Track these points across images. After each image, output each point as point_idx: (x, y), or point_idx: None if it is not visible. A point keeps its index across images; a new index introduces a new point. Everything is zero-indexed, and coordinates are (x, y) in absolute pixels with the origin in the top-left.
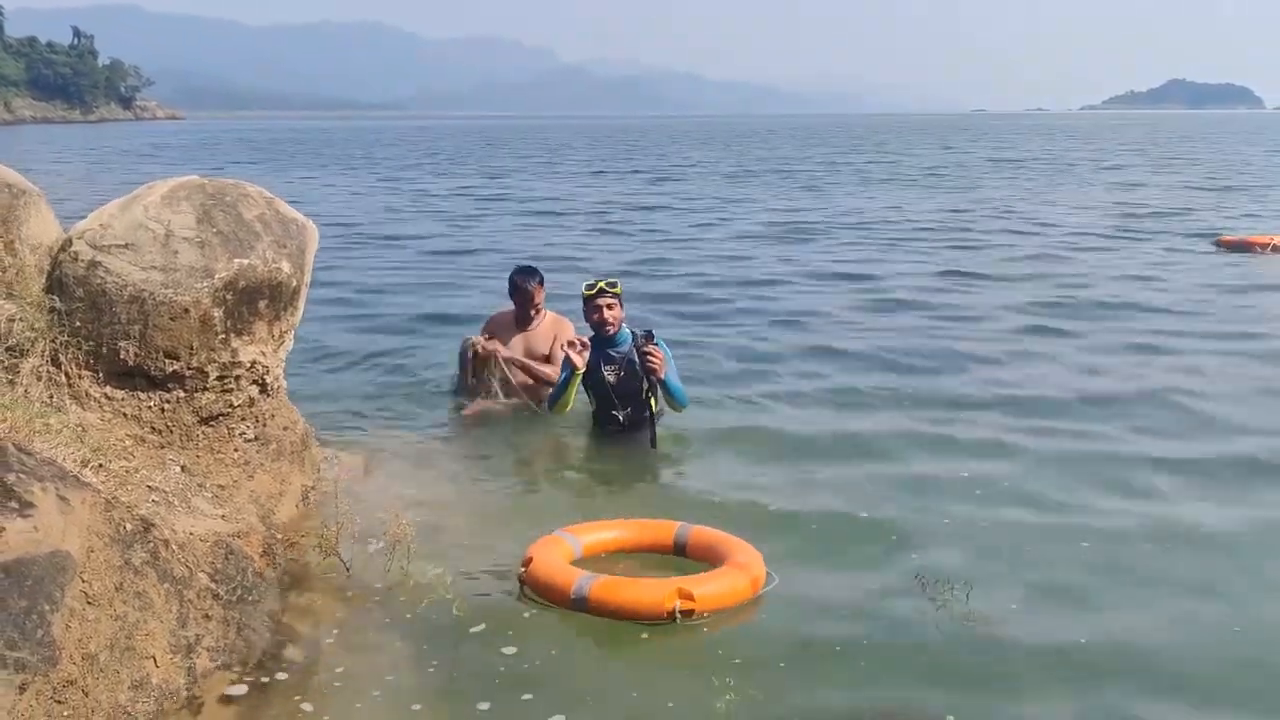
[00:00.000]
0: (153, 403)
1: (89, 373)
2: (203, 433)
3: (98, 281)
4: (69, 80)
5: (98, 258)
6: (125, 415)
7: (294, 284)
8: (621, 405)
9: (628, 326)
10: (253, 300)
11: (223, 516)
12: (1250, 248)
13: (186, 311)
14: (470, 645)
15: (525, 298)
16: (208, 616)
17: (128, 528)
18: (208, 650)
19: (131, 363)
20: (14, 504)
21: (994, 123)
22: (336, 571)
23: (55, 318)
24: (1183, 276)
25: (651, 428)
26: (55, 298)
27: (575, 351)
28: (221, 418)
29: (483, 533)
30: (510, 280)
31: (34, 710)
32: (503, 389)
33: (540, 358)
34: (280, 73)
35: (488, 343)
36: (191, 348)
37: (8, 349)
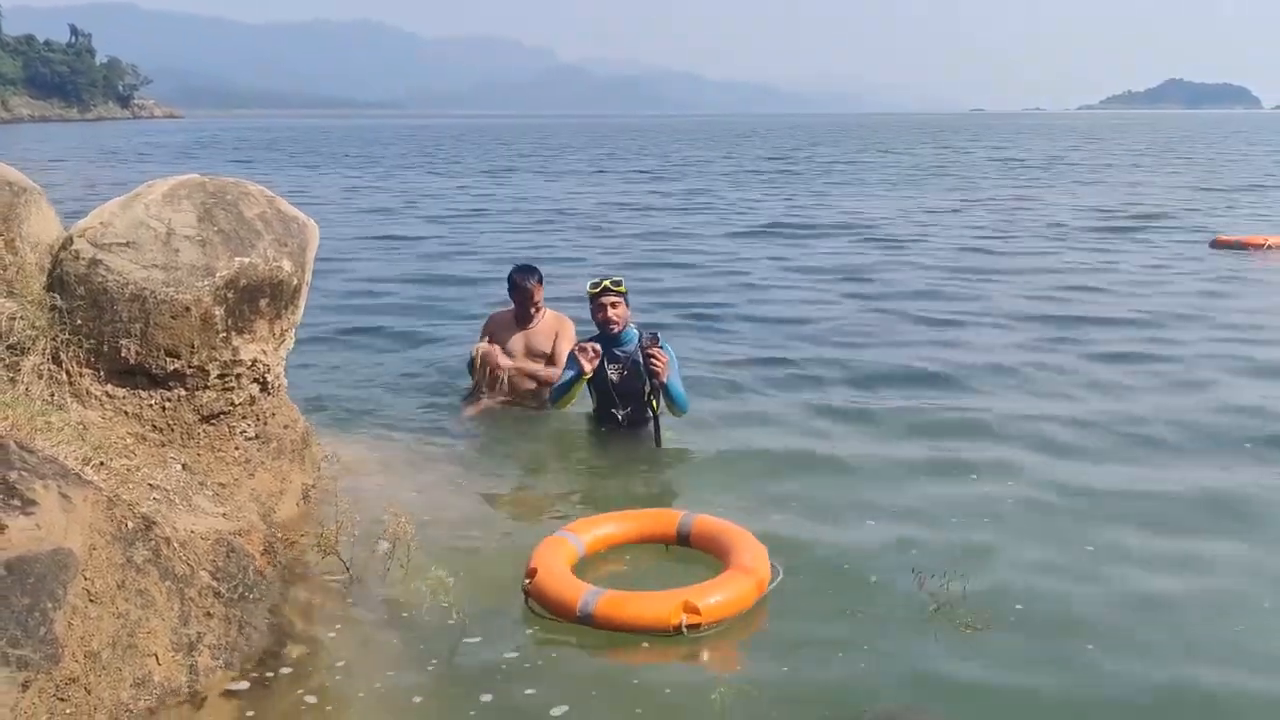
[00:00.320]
0: (154, 401)
1: (90, 371)
2: (204, 431)
3: (99, 280)
4: (66, 78)
5: (99, 256)
6: (126, 413)
7: (295, 282)
8: (622, 404)
9: (634, 326)
10: (254, 298)
11: (224, 515)
12: (1246, 248)
13: (187, 310)
14: (471, 642)
15: (525, 296)
16: (209, 614)
17: (129, 526)
18: (209, 648)
19: (133, 361)
20: (16, 502)
21: (992, 122)
22: (337, 569)
23: (56, 316)
24: (1178, 276)
25: (656, 427)
26: (56, 296)
27: (587, 358)
28: (222, 416)
29: (483, 531)
30: (509, 279)
31: (37, 707)
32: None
33: (541, 355)
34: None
35: (488, 351)
36: (192, 346)
37: (9, 347)
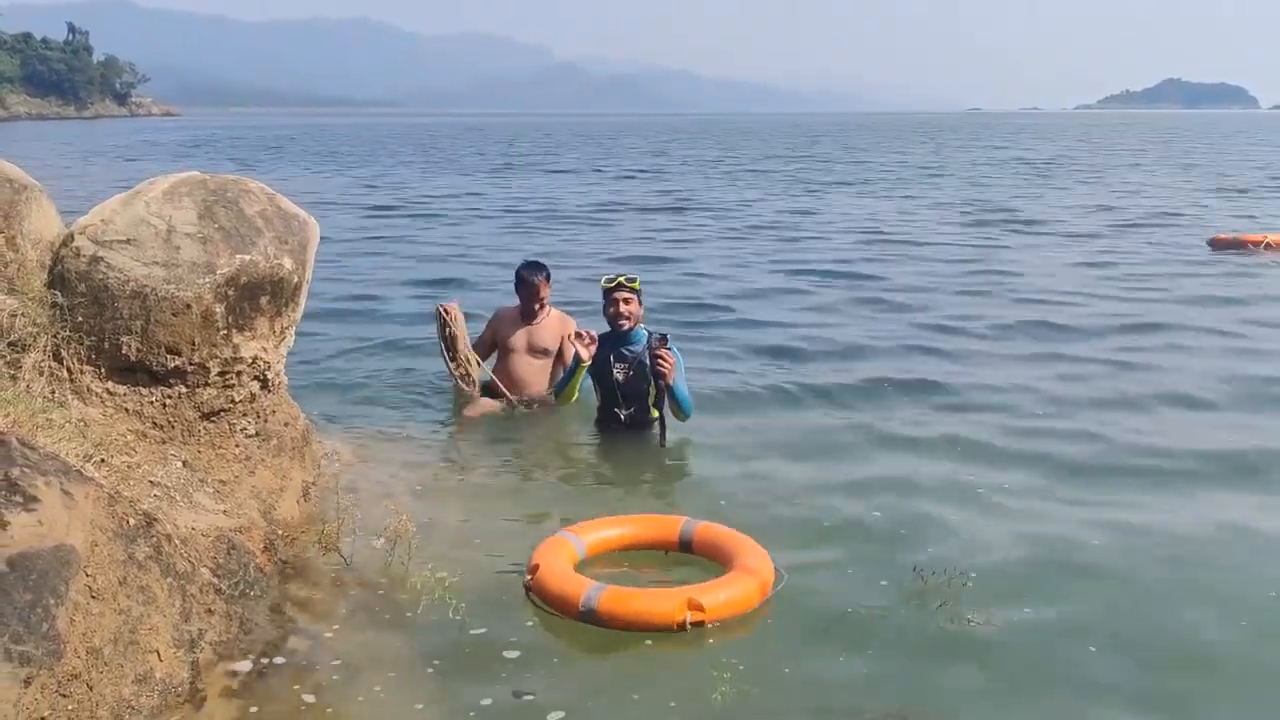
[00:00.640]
0: (154, 398)
1: (91, 368)
2: (204, 428)
3: (100, 277)
4: (64, 76)
5: (100, 253)
6: (127, 410)
7: (295, 280)
8: (625, 404)
9: (644, 327)
10: (254, 296)
11: (224, 512)
12: (1243, 246)
13: (188, 307)
14: (471, 642)
15: (531, 291)
16: (210, 611)
17: (131, 522)
18: (210, 644)
19: (133, 358)
20: (18, 498)
21: (990, 122)
22: (337, 567)
23: (57, 313)
24: (1174, 276)
25: (661, 427)
26: (57, 293)
27: (583, 345)
28: (223, 413)
29: (484, 529)
30: (517, 274)
31: (39, 703)
32: (467, 359)
33: (543, 351)
34: (275, 69)
35: (450, 307)
36: (193, 343)
37: (10, 344)
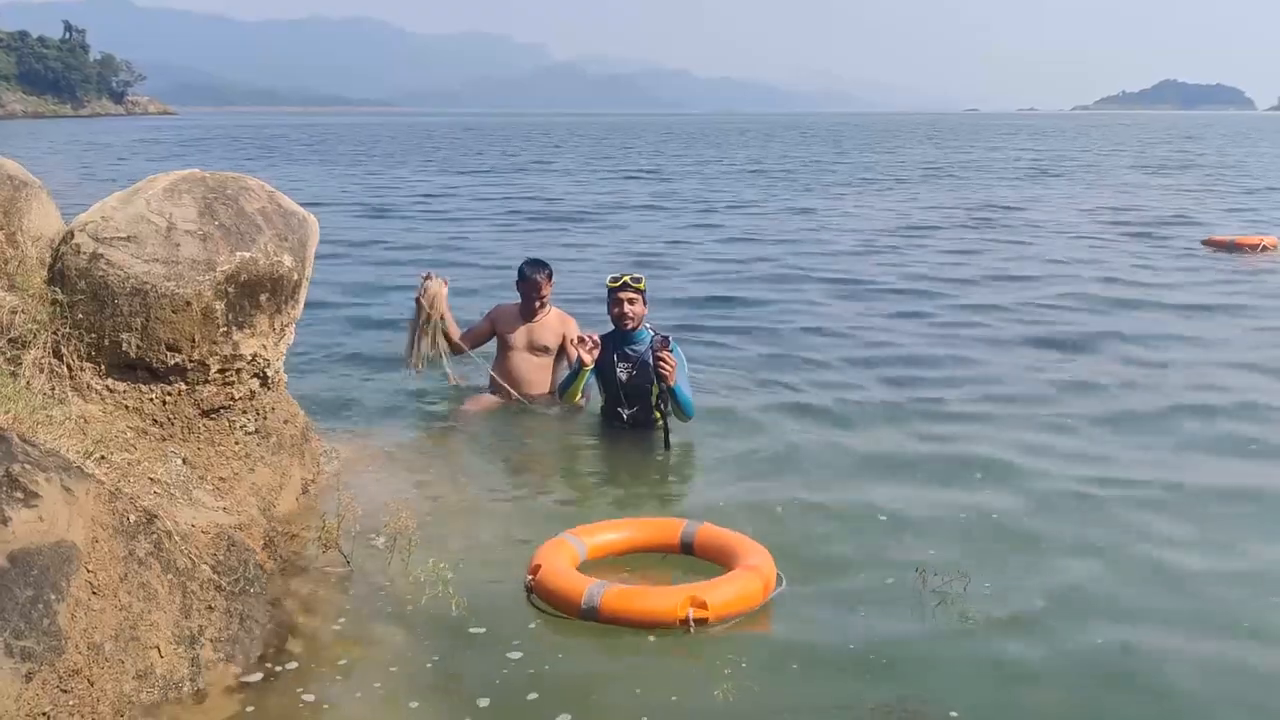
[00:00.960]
0: (154, 395)
1: (91, 365)
2: (204, 425)
3: (100, 274)
4: (60, 75)
5: (100, 250)
6: (127, 408)
7: (295, 277)
8: (628, 404)
9: (648, 327)
10: (254, 293)
11: (224, 509)
12: (1239, 248)
13: (188, 304)
14: (471, 641)
15: (532, 288)
16: (210, 608)
17: (131, 519)
18: (211, 641)
19: (133, 355)
20: (19, 494)
21: (988, 122)
22: (338, 564)
23: (57, 310)
24: (1170, 277)
25: (665, 429)
26: (57, 290)
27: (586, 350)
28: (222, 410)
29: (484, 528)
30: (519, 270)
31: (40, 699)
32: (436, 338)
33: (543, 349)
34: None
35: (433, 284)
36: (193, 340)
37: (10, 341)
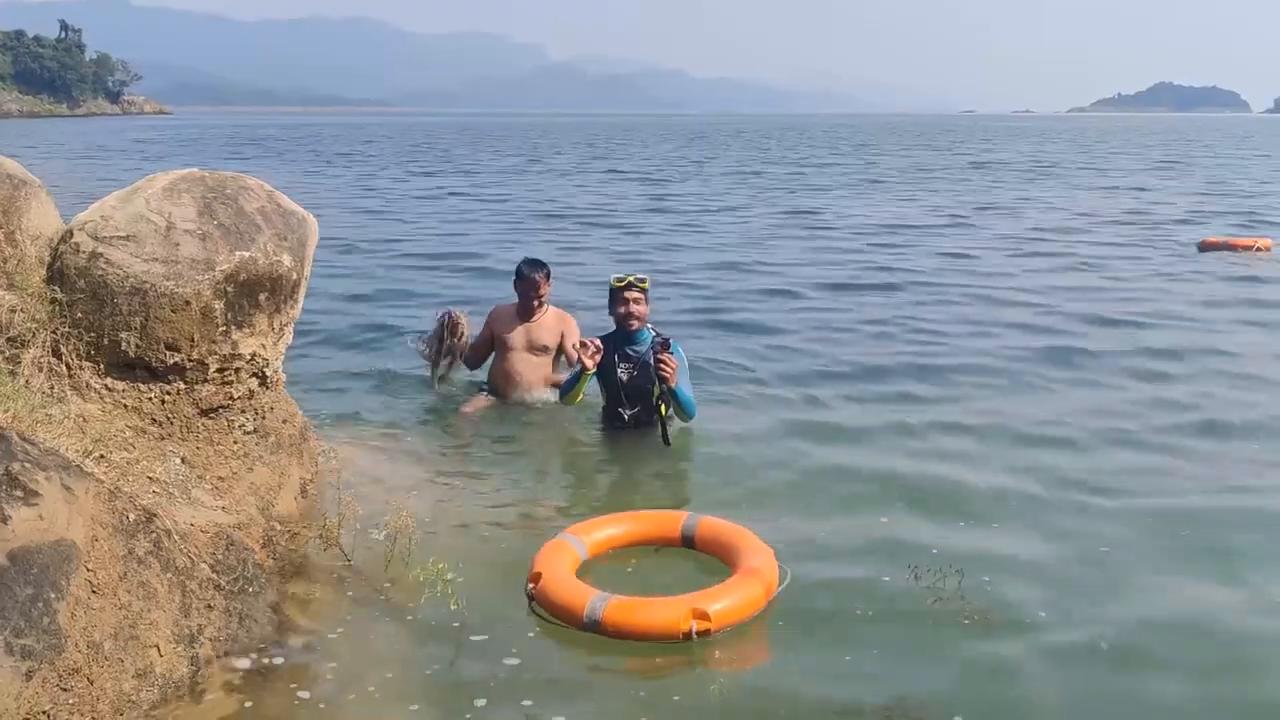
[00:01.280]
0: (153, 394)
1: (90, 364)
2: (203, 425)
3: (99, 273)
4: (56, 74)
5: (99, 249)
6: (126, 407)
7: (294, 277)
8: (629, 404)
9: (650, 328)
10: (253, 293)
11: (223, 508)
12: (1233, 250)
13: (187, 304)
14: (470, 642)
15: (531, 287)
16: (210, 607)
17: (131, 518)
18: (210, 640)
19: (132, 354)
20: (19, 493)
21: (984, 123)
22: (337, 564)
23: (56, 309)
24: (1166, 277)
25: (664, 427)
26: (56, 289)
27: (588, 355)
28: (221, 410)
29: (485, 528)
30: (517, 269)
31: (40, 697)
32: (459, 357)
33: (541, 348)
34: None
35: (463, 319)
36: (192, 340)
37: (9, 340)
